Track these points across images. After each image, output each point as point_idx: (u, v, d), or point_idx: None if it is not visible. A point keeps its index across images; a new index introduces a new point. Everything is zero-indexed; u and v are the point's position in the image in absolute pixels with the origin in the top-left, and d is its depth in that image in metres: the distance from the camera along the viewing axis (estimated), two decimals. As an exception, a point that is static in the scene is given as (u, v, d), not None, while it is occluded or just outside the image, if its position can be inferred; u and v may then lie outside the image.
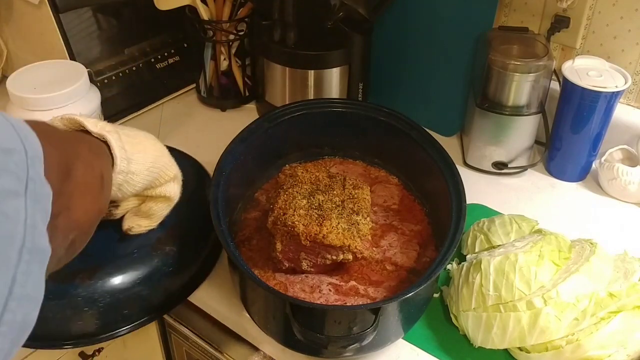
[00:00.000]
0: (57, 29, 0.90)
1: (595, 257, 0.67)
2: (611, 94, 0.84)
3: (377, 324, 0.59)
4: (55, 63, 0.86)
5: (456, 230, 0.67)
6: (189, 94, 1.15)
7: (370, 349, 0.65)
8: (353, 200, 0.73)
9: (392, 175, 0.87)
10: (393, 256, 0.75)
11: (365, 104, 0.86)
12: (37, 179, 0.36)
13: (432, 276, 0.62)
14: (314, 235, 0.67)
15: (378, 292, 0.71)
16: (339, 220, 0.69)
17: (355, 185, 0.75)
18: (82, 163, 0.48)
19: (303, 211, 0.69)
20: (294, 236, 0.68)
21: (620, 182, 0.88)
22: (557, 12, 0.93)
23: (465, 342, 0.69)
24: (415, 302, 0.67)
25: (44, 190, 0.37)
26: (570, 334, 0.62)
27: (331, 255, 0.69)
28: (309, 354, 0.66)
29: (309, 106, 0.86)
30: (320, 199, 0.71)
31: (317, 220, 0.68)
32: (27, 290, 0.34)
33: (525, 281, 0.64)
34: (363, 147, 0.88)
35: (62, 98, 0.83)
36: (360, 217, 0.71)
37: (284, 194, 0.72)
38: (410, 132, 0.81)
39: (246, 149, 0.78)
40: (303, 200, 0.71)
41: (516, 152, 0.93)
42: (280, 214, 0.69)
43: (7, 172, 0.34)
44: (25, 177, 0.35)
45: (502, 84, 0.89)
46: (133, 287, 0.66)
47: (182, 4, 0.99)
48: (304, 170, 0.77)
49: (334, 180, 0.76)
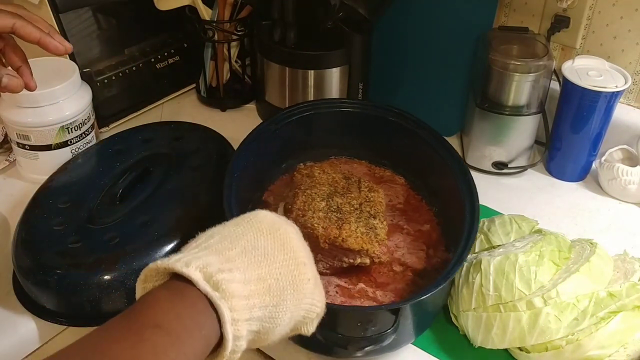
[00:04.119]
0: (57, 29, 0.90)
1: (595, 257, 0.67)
2: (611, 94, 0.84)
3: (398, 325, 0.59)
4: (47, 60, 0.86)
5: (471, 230, 0.66)
6: (189, 94, 1.15)
7: (384, 351, 0.65)
8: (370, 204, 0.73)
9: (399, 175, 0.86)
10: (401, 257, 0.74)
11: (373, 104, 0.86)
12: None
13: (449, 276, 0.62)
14: (333, 238, 0.67)
15: (386, 295, 0.70)
16: (357, 224, 0.69)
17: (370, 188, 0.75)
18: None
19: (322, 213, 0.69)
20: (311, 238, 0.67)
21: (620, 182, 0.88)
22: (557, 12, 0.93)
23: (465, 342, 0.69)
24: (431, 304, 0.67)
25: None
26: (570, 334, 0.62)
27: (348, 258, 0.69)
28: (322, 352, 0.66)
29: (317, 106, 0.86)
30: (339, 202, 0.72)
31: (337, 224, 0.68)
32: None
33: (525, 281, 0.64)
34: (371, 147, 0.88)
35: (54, 94, 0.83)
36: (377, 221, 0.71)
37: (303, 195, 0.72)
38: (420, 132, 0.81)
39: (256, 150, 0.78)
40: (322, 203, 0.71)
41: (516, 152, 0.93)
42: (299, 215, 0.69)
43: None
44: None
45: (502, 84, 0.89)
46: None
47: (182, 4, 1.00)
48: (321, 171, 0.77)
49: (350, 182, 0.76)
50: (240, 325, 0.41)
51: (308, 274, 0.48)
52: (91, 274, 0.65)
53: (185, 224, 0.71)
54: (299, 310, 0.48)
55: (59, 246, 0.68)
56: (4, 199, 0.86)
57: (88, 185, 0.77)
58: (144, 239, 0.69)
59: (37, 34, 0.62)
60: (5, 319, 0.69)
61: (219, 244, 0.45)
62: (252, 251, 0.46)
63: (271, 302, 0.45)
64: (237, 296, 0.42)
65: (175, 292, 0.42)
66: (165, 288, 0.42)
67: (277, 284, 0.45)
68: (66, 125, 0.86)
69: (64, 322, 0.67)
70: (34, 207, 0.74)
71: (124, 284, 0.66)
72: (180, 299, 0.41)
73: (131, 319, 0.40)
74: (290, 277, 0.46)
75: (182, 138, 0.86)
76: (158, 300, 0.41)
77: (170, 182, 0.77)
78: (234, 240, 0.46)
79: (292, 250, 0.48)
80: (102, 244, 0.68)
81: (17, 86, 0.62)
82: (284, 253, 0.47)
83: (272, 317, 0.45)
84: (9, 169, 0.92)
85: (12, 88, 0.62)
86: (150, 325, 0.39)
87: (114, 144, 0.85)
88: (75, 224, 0.71)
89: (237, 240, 0.46)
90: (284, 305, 0.45)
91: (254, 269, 0.44)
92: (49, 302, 0.67)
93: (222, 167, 0.80)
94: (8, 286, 0.71)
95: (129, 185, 0.76)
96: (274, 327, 0.45)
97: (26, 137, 0.85)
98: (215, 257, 0.44)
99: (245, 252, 0.45)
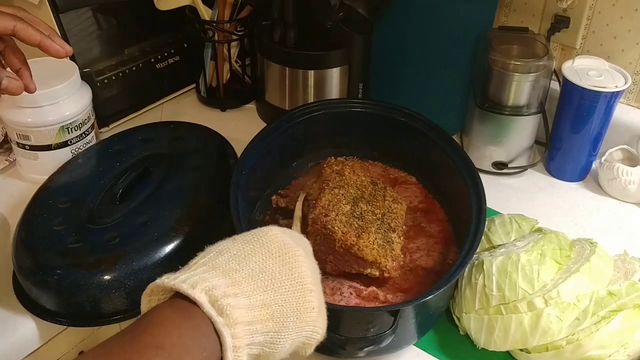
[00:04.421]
0: (57, 29, 0.90)
1: (596, 256, 0.67)
2: (611, 94, 0.84)
3: (396, 327, 0.59)
4: (47, 60, 0.86)
5: (476, 232, 0.66)
6: (189, 94, 1.14)
7: (385, 352, 0.65)
8: (391, 215, 0.73)
9: (410, 175, 0.86)
10: (418, 259, 0.74)
11: (384, 104, 0.85)
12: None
13: (451, 279, 0.62)
14: (349, 245, 0.67)
15: (397, 297, 0.70)
16: (376, 234, 0.69)
17: (394, 199, 0.75)
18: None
19: (345, 217, 0.69)
20: (328, 239, 0.67)
21: (620, 182, 0.88)
22: (557, 12, 0.93)
23: (468, 343, 0.69)
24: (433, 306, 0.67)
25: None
26: (571, 334, 0.62)
27: (359, 266, 0.68)
28: (322, 352, 0.65)
29: (327, 106, 0.85)
30: (363, 209, 0.71)
31: (357, 231, 0.68)
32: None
33: (528, 280, 0.64)
34: (381, 148, 0.88)
35: (54, 95, 0.83)
36: (395, 235, 0.71)
37: (329, 193, 0.71)
38: (429, 133, 0.81)
39: (265, 149, 0.78)
40: (347, 206, 0.70)
41: (516, 152, 0.93)
42: (321, 214, 0.68)
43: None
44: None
45: (502, 84, 0.89)
46: (155, 267, 0.67)
47: (182, 4, 1.00)
48: (352, 171, 0.76)
49: (376, 188, 0.75)
50: (241, 351, 0.42)
51: (313, 302, 0.48)
52: (91, 274, 0.65)
53: (185, 224, 0.71)
54: (300, 337, 0.48)
55: (59, 246, 0.68)
56: (4, 199, 0.86)
57: (88, 185, 0.77)
58: (144, 239, 0.69)
59: (38, 36, 0.62)
60: (5, 319, 0.69)
61: (226, 264, 0.45)
62: (259, 275, 0.45)
63: (273, 329, 0.45)
64: (240, 322, 0.42)
65: (180, 311, 0.42)
66: (171, 306, 0.42)
67: (281, 311, 0.45)
68: (66, 125, 0.86)
69: (64, 322, 0.67)
70: (34, 207, 0.74)
71: (124, 284, 0.66)
72: (185, 320, 0.41)
73: (135, 337, 0.40)
74: (295, 304, 0.46)
75: (182, 138, 0.86)
76: (162, 319, 0.41)
77: (170, 182, 0.77)
78: (241, 261, 0.46)
79: (300, 275, 0.47)
80: (102, 244, 0.68)
81: (17, 88, 0.62)
82: (291, 279, 0.47)
83: (273, 343, 0.45)
84: (9, 169, 0.92)
85: (12, 90, 0.62)
86: (152, 346, 0.39)
87: (114, 144, 0.85)
88: (75, 224, 0.71)
89: (245, 261, 0.46)
90: (285, 332, 0.46)
91: (259, 294, 0.44)
92: (49, 302, 0.67)
93: (222, 167, 0.80)
94: (8, 286, 0.71)
95: (129, 185, 0.76)
96: (274, 353, 0.46)
97: (26, 137, 0.85)
98: (222, 280, 0.43)
99: (252, 275, 0.45)
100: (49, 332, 0.72)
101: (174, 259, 0.68)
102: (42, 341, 0.71)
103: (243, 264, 0.46)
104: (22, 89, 0.63)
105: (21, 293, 0.69)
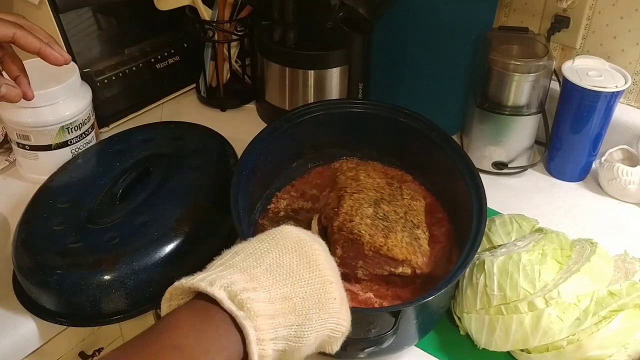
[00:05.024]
0: (57, 29, 0.90)
1: (596, 256, 0.67)
2: (611, 94, 0.84)
3: (398, 327, 0.59)
4: None
5: (477, 233, 0.66)
6: (189, 94, 1.14)
7: (386, 352, 0.65)
8: (413, 213, 0.73)
9: (410, 176, 0.86)
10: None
11: (384, 105, 0.85)
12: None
13: (452, 280, 0.62)
14: (378, 246, 0.67)
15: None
16: (402, 233, 0.69)
17: (412, 197, 0.75)
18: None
19: (369, 220, 0.69)
20: (356, 244, 0.67)
21: (620, 182, 0.88)
22: (557, 12, 0.93)
23: (469, 343, 0.69)
24: (434, 306, 0.67)
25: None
26: (572, 334, 0.62)
27: (390, 267, 0.68)
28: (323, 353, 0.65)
29: (327, 106, 0.85)
30: (385, 209, 0.71)
31: (383, 232, 0.68)
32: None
33: (529, 280, 0.64)
34: (382, 148, 0.87)
35: (54, 95, 0.83)
36: (420, 232, 0.71)
37: (350, 199, 0.71)
38: (429, 133, 0.81)
39: (265, 149, 0.78)
40: (369, 209, 0.70)
41: (516, 152, 0.93)
42: (346, 220, 0.69)
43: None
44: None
45: (502, 84, 0.89)
46: (155, 267, 0.67)
47: (182, 4, 1.00)
48: (366, 174, 0.77)
49: (393, 188, 0.75)
50: (265, 344, 0.41)
51: (334, 293, 0.48)
52: (91, 274, 0.65)
53: (185, 224, 0.71)
54: (325, 330, 0.47)
55: (59, 246, 0.68)
56: (4, 199, 0.86)
57: (88, 185, 0.77)
58: (144, 239, 0.69)
59: (37, 44, 0.62)
60: (5, 319, 0.69)
61: (243, 261, 0.45)
62: (277, 269, 0.45)
63: (296, 322, 0.44)
64: (262, 315, 0.41)
65: (198, 313, 0.41)
66: (188, 309, 0.42)
67: (302, 303, 0.45)
68: (66, 125, 0.86)
69: (64, 322, 0.67)
70: (34, 207, 0.74)
71: (124, 284, 0.66)
72: (203, 321, 0.41)
73: (151, 339, 0.40)
74: (316, 296, 0.46)
75: (182, 138, 0.86)
76: (179, 322, 0.41)
77: (170, 182, 0.77)
78: (258, 258, 0.46)
79: (318, 268, 0.47)
80: (102, 244, 0.68)
81: (15, 96, 0.62)
82: (309, 271, 0.47)
83: (298, 337, 0.45)
84: (9, 169, 0.92)
85: (11, 98, 0.62)
86: (169, 347, 0.39)
87: (114, 144, 0.85)
88: (75, 224, 0.71)
89: (262, 258, 0.46)
90: (309, 324, 0.45)
91: (279, 288, 0.44)
92: (49, 302, 0.67)
93: (222, 167, 0.80)
94: (8, 286, 0.71)
95: (128, 185, 0.76)
96: (300, 347, 0.45)
97: (26, 137, 0.85)
98: (240, 276, 0.43)
99: (270, 270, 0.45)
100: (49, 332, 0.72)
101: (174, 259, 0.68)
102: (42, 341, 0.71)
103: (260, 261, 0.46)
104: (21, 97, 0.63)
105: (21, 293, 0.69)
